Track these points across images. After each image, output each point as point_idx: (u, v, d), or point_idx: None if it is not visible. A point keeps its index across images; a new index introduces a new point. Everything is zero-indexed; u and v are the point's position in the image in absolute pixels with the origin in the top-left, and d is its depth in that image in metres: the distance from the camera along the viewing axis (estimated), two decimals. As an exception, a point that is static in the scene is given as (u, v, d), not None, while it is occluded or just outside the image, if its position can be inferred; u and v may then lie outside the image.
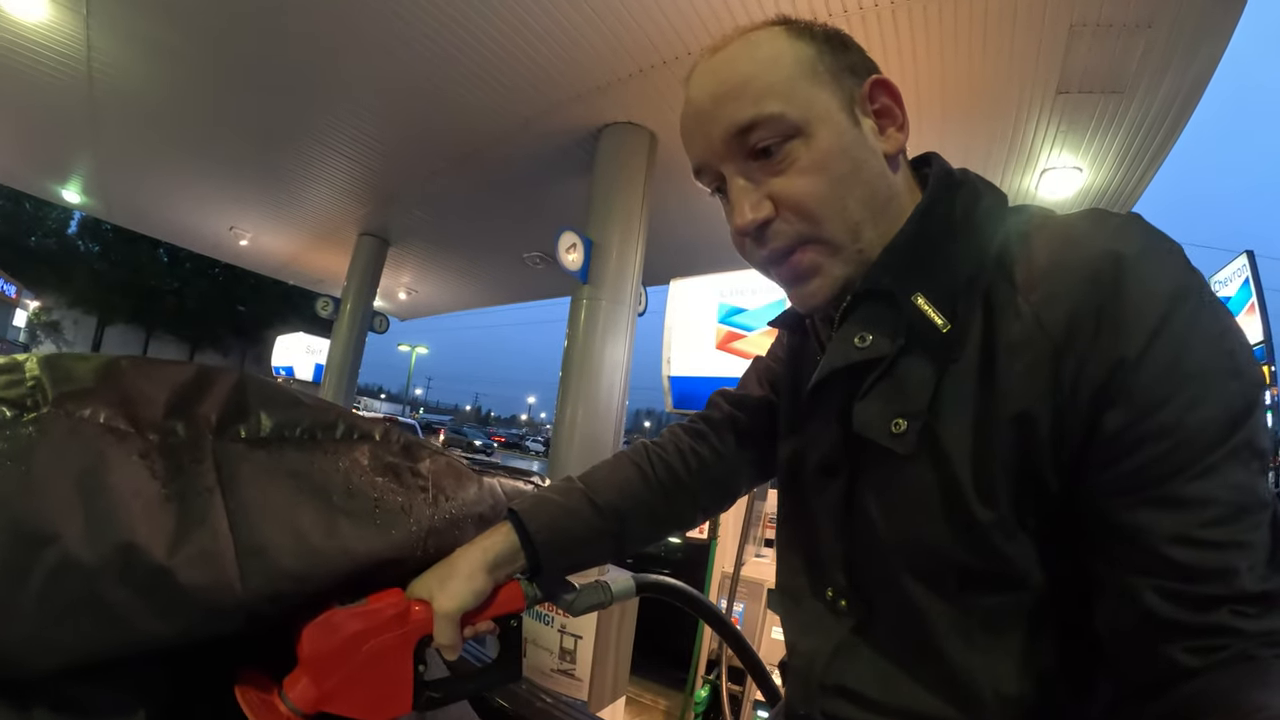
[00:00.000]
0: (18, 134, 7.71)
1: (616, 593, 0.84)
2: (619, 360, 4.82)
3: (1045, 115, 4.36)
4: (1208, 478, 0.45)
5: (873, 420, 0.58)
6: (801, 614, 0.71)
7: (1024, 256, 0.55)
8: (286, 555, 0.57)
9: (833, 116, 0.59)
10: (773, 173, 0.59)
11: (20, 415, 0.49)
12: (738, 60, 0.61)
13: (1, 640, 0.46)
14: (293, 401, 0.65)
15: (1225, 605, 0.44)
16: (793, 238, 0.60)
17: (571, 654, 2.89)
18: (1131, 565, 0.47)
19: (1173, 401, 0.46)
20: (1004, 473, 0.53)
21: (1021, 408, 0.51)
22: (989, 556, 0.54)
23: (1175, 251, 0.50)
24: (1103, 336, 0.48)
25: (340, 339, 9.00)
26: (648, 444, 0.88)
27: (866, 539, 0.62)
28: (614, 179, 5.04)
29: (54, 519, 0.47)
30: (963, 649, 0.56)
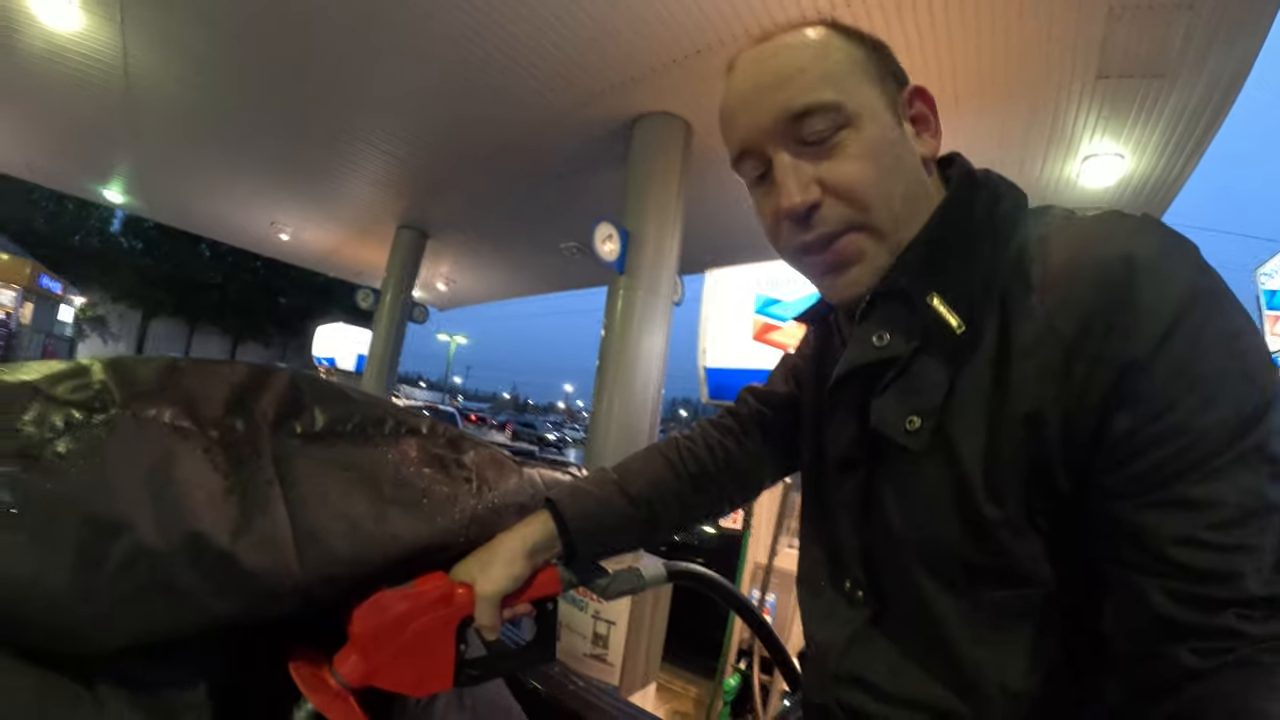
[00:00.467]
0: (59, 138, 8.03)
1: (648, 579, 0.87)
2: (655, 350, 4.85)
3: (1086, 100, 4.25)
4: (1215, 480, 0.45)
5: (888, 417, 0.60)
6: (820, 604, 0.73)
7: (1040, 258, 0.55)
8: (340, 541, 0.61)
9: (880, 113, 0.61)
10: (822, 157, 0.60)
11: (90, 417, 0.53)
12: (793, 48, 0.62)
13: (77, 621, 0.50)
14: (344, 398, 0.69)
15: (1230, 608, 0.44)
16: (840, 222, 0.61)
17: (604, 639, 2.94)
18: (1138, 565, 0.48)
19: (1181, 404, 0.46)
20: (1014, 472, 0.53)
21: (1032, 408, 0.52)
22: (996, 553, 0.55)
23: (1190, 254, 0.50)
24: (1113, 339, 0.49)
25: (381, 329, 9.18)
26: (678, 437, 0.91)
27: (882, 533, 0.64)
28: (650, 169, 5.05)
29: (126, 511, 0.51)
30: (971, 642, 0.57)
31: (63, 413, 0.53)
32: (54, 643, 0.51)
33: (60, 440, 0.51)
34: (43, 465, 0.50)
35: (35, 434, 0.51)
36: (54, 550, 0.49)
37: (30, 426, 0.51)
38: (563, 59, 4.54)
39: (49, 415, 0.52)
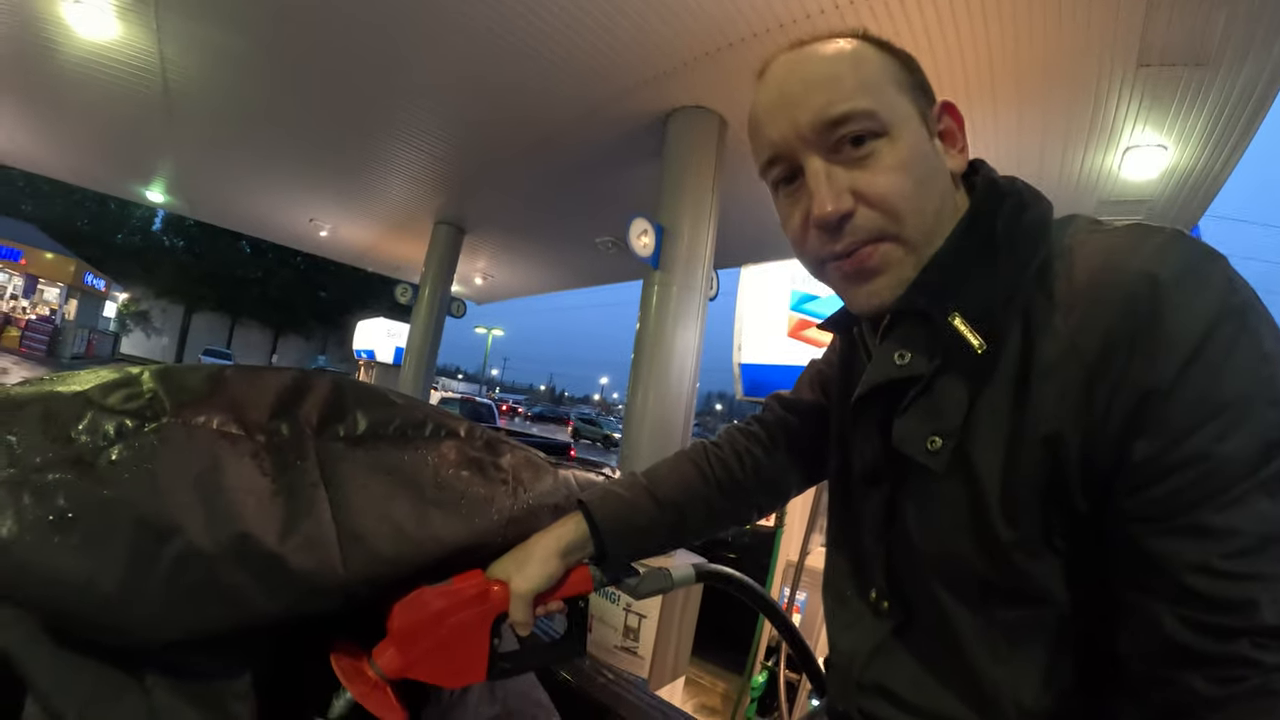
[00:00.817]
0: (101, 142, 8.30)
1: (677, 579, 0.89)
2: (689, 345, 4.85)
3: (1126, 90, 4.12)
4: (1234, 508, 0.45)
5: (910, 437, 0.59)
6: (845, 613, 0.73)
7: (1065, 273, 0.54)
8: (383, 542, 0.64)
9: (913, 124, 0.61)
10: (856, 166, 0.59)
11: (142, 425, 0.56)
12: (829, 56, 0.61)
13: (130, 618, 0.52)
14: (386, 402, 0.72)
15: (1244, 637, 0.44)
16: (872, 233, 0.60)
17: (635, 632, 2.97)
18: (1154, 591, 0.47)
19: (1202, 430, 0.46)
20: (1032, 493, 0.53)
21: (1052, 430, 0.52)
22: (1010, 573, 0.55)
23: (1218, 272, 0.49)
24: (1135, 364, 0.48)
25: (419, 323, 9.33)
26: (706, 444, 0.92)
27: (905, 546, 0.64)
28: (684, 164, 5.05)
29: (177, 515, 0.53)
30: (987, 658, 0.58)
31: (115, 421, 0.55)
32: (107, 638, 0.54)
33: (113, 448, 0.54)
34: (97, 472, 0.53)
35: (89, 442, 0.54)
36: (107, 552, 0.51)
37: (84, 435, 0.54)
38: (596, 53, 4.55)
39: (102, 424, 0.55)
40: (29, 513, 0.51)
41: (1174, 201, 5.25)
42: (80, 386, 0.58)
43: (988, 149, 4.97)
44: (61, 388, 0.58)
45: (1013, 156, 5.05)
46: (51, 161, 9.59)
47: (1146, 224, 0.53)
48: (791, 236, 0.66)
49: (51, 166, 9.89)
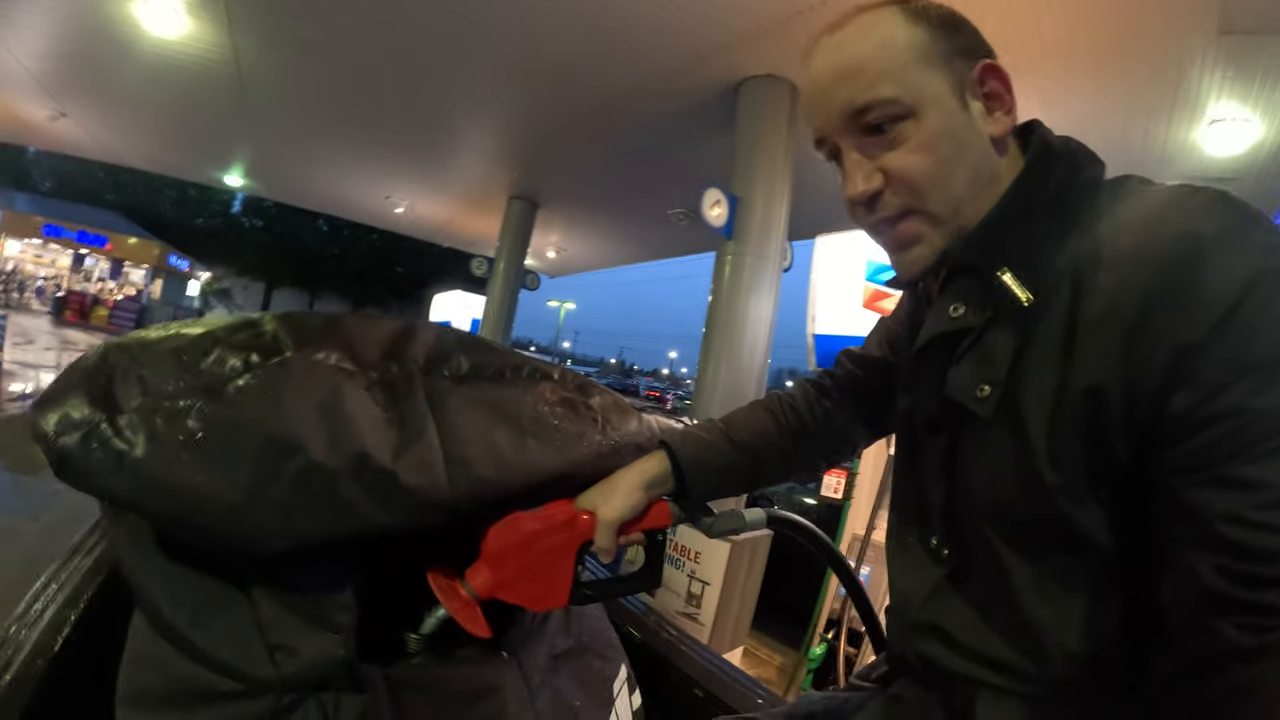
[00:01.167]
0: (179, 133, 8.74)
1: (750, 521, 0.93)
2: (763, 316, 4.83)
3: (1209, 59, 3.87)
4: (1267, 461, 0.46)
5: (962, 385, 0.63)
6: (906, 558, 0.76)
7: (1111, 233, 0.56)
8: (485, 466, 0.70)
9: (942, 100, 0.63)
10: (885, 147, 0.63)
11: (267, 359, 0.62)
12: (854, 42, 0.65)
13: (255, 525, 0.58)
14: (486, 347, 0.79)
15: (1273, 587, 0.45)
16: (899, 208, 0.64)
17: (698, 599, 3.02)
18: (1189, 540, 0.49)
19: (1237, 386, 0.47)
20: (1076, 441, 0.55)
21: (1095, 382, 0.53)
22: (1057, 518, 0.57)
23: (1260, 232, 0.50)
24: (1173, 320, 0.49)
25: (495, 296, 9.55)
26: (780, 394, 0.97)
27: (963, 492, 0.67)
28: (756, 133, 4.99)
29: (301, 433, 0.59)
30: (1035, 602, 0.60)
31: (241, 356, 0.61)
32: (231, 543, 0.60)
33: (240, 378, 0.60)
34: (226, 398, 0.58)
35: (218, 373, 0.60)
36: (236, 467, 0.57)
37: (214, 367, 0.60)
38: (666, 23, 4.52)
39: (229, 358, 0.61)
40: (162, 434, 0.56)
41: (1263, 177, 4.93)
42: (206, 328, 0.64)
43: (1068, 118, 4.73)
44: (188, 330, 0.64)
45: (1095, 128, 4.80)
46: (130, 152, 10.16)
47: (1193, 185, 0.55)
48: (846, 207, 0.71)
49: (131, 157, 10.48)
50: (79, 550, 0.84)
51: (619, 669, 1.01)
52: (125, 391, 0.58)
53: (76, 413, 0.57)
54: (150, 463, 0.55)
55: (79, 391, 0.59)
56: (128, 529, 0.64)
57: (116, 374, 0.60)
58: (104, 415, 0.57)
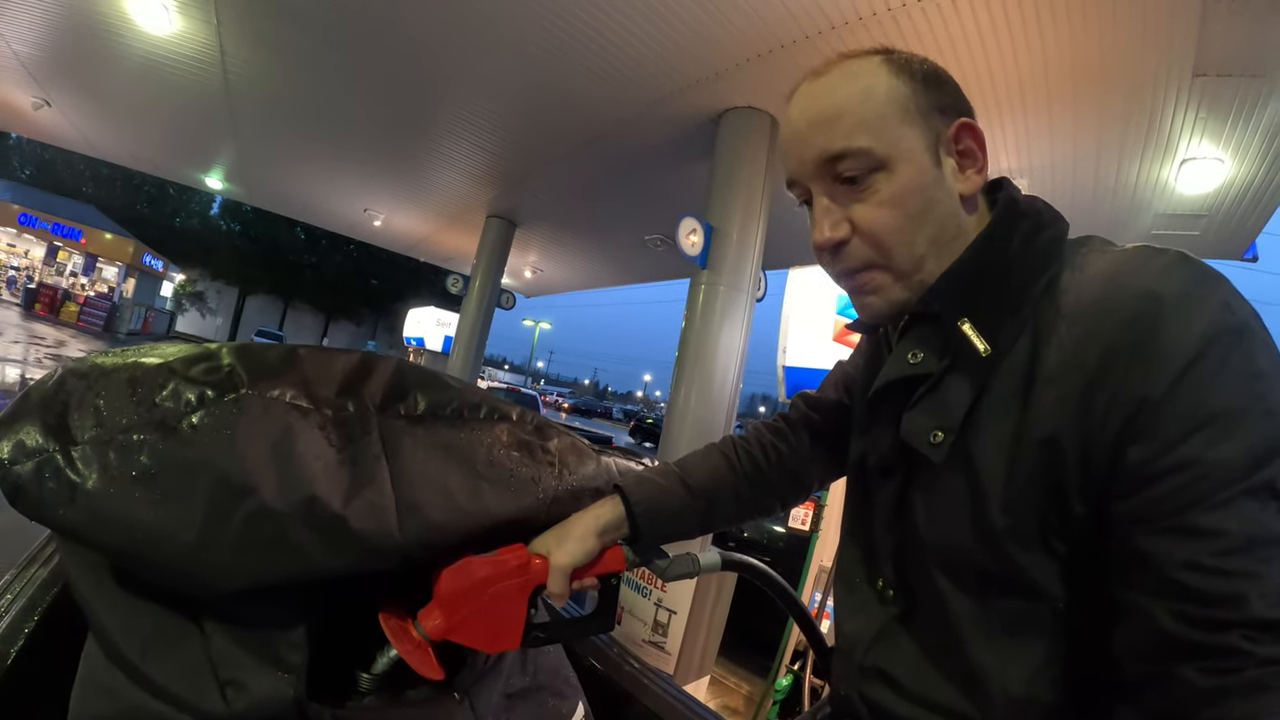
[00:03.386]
0: (163, 130, 8.63)
1: (704, 565, 0.93)
2: (734, 346, 4.86)
3: (1183, 100, 3.97)
4: (1222, 511, 0.47)
5: (916, 430, 0.64)
6: (853, 599, 0.77)
7: (1074, 288, 0.58)
8: (437, 511, 0.69)
9: (916, 155, 0.64)
10: (855, 198, 0.65)
11: (222, 395, 0.61)
12: (835, 91, 0.66)
13: (203, 567, 0.58)
14: (444, 385, 0.78)
15: (1235, 629, 0.46)
16: (862, 260, 0.66)
17: (664, 627, 3.00)
18: (1147, 588, 0.50)
19: (1193, 438, 0.48)
20: (1029, 490, 0.57)
21: (1051, 433, 0.55)
22: (1006, 564, 0.58)
23: (1217, 292, 0.52)
24: (1133, 375, 0.51)
25: (469, 314, 9.49)
26: (735, 437, 0.98)
27: (911, 535, 0.68)
28: (735, 164, 5.04)
29: (252, 476, 0.58)
30: (981, 646, 0.61)
31: (197, 390, 0.61)
32: (182, 584, 0.59)
33: (195, 414, 0.59)
34: (179, 435, 0.58)
35: (172, 408, 0.59)
36: (187, 506, 0.56)
37: (168, 401, 0.59)
38: (650, 53, 4.57)
39: (184, 392, 0.60)
40: (114, 468, 0.56)
41: (1231, 216, 5.04)
42: (163, 358, 0.64)
43: (1043, 157, 4.87)
44: (145, 359, 0.64)
45: (1068, 166, 4.93)
46: (112, 146, 10.01)
47: (1153, 246, 0.57)
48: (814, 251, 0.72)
49: (112, 151, 10.31)
50: (35, 560, 0.82)
51: (576, 707, 1.00)
52: (80, 422, 0.58)
53: (30, 441, 0.57)
54: (102, 497, 0.55)
55: (34, 419, 0.58)
56: (80, 557, 0.63)
57: (72, 402, 0.59)
58: (58, 445, 0.56)
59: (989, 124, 4.58)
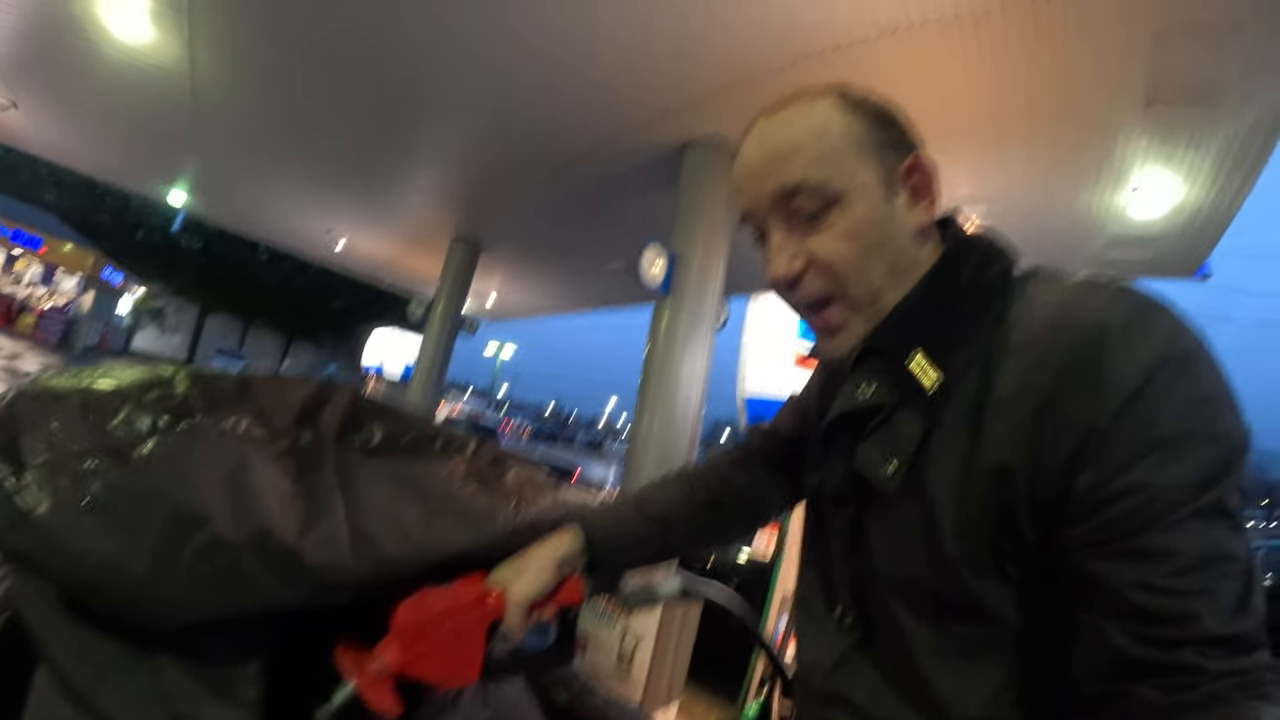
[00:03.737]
0: (128, 140, 8.46)
1: (664, 593, 0.94)
2: (696, 373, 4.89)
3: (1135, 129, 4.14)
4: (1172, 532, 0.48)
5: (869, 462, 0.65)
6: (813, 627, 0.78)
7: (1022, 320, 0.60)
8: (392, 544, 0.69)
9: (870, 190, 0.66)
10: (810, 231, 0.66)
11: (175, 423, 0.61)
12: (792, 126, 0.67)
13: (155, 598, 0.57)
14: (399, 417, 0.78)
15: (1189, 646, 0.46)
16: (819, 292, 0.67)
17: (630, 655, 2.97)
18: (1100, 610, 0.50)
19: (1141, 463, 0.49)
20: (981, 518, 0.58)
21: (1001, 462, 0.56)
22: (960, 591, 0.59)
23: (1162, 322, 0.53)
24: (1080, 404, 0.52)
25: (431, 339, 9.39)
26: (693, 468, 0.98)
27: (868, 564, 0.68)
28: (698, 193, 5.12)
29: (205, 507, 0.58)
30: (938, 669, 0.62)
31: (150, 418, 0.60)
32: (132, 615, 0.58)
33: (148, 442, 0.59)
34: (132, 463, 0.57)
35: (125, 435, 0.59)
36: (139, 537, 0.55)
37: (121, 429, 0.59)
38: (616, 84, 4.65)
39: (137, 419, 0.60)
40: (65, 495, 0.55)
41: (1182, 239, 5.25)
42: (117, 382, 0.63)
43: (998, 186, 5.03)
44: (99, 383, 0.63)
45: (1023, 194, 5.10)
46: (77, 153, 9.78)
47: (1100, 278, 0.59)
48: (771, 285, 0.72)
49: (77, 158, 10.08)
50: None
51: (537, 739, 0.99)
52: (32, 446, 0.57)
53: None
54: (52, 524, 0.54)
55: None
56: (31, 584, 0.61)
57: (24, 426, 0.58)
58: (9, 469, 0.55)
59: (945, 154, 4.67)
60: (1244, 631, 0.47)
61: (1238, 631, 0.47)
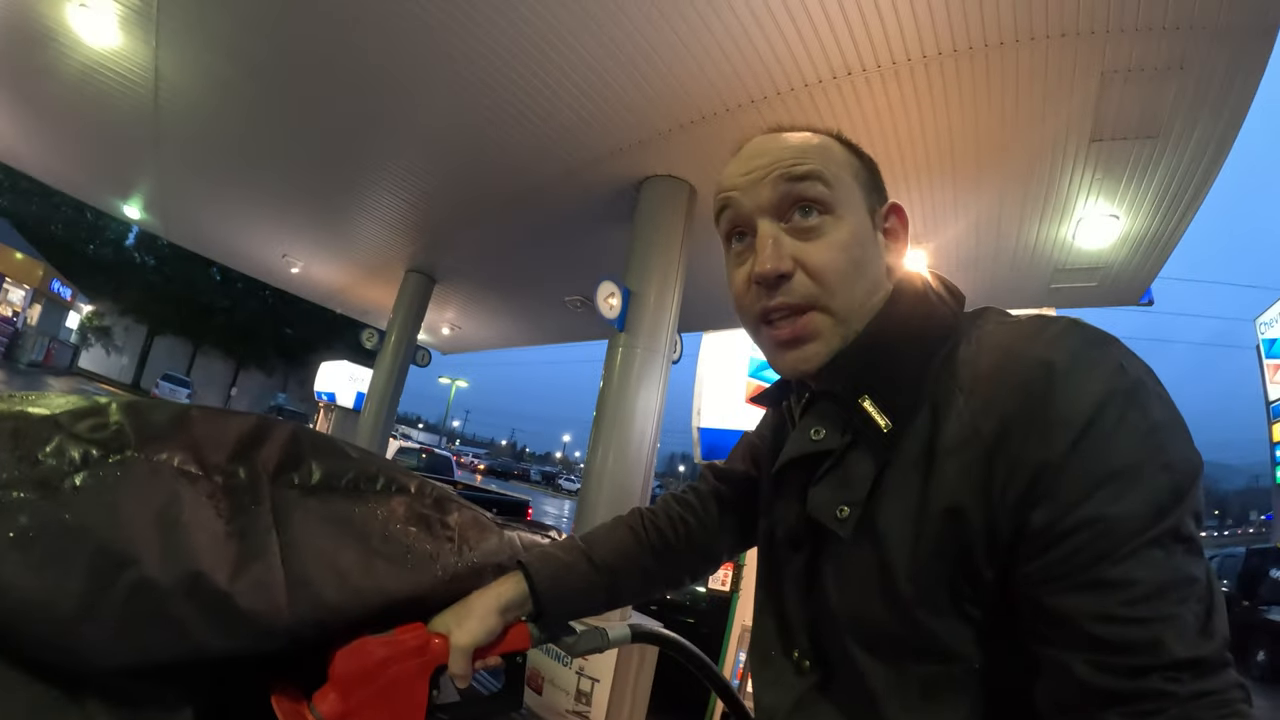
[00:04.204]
0: (86, 149, 8.19)
1: (613, 639, 0.92)
2: (651, 408, 4.89)
3: (1080, 164, 4.31)
4: (1130, 561, 0.48)
5: (822, 505, 0.66)
6: (769, 671, 0.77)
7: (971, 361, 0.61)
8: (328, 589, 0.66)
9: (859, 213, 0.69)
10: (802, 237, 0.67)
11: (107, 456, 0.58)
12: (800, 137, 0.71)
13: (81, 641, 0.53)
14: (341, 454, 0.75)
15: (1155, 672, 0.46)
16: (805, 298, 0.67)
17: (588, 696, 2.91)
18: (1063, 644, 0.50)
19: (1095, 497, 0.50)
20: (936, 559, 0.58)
21: (954, 503, 0.56)
22: (918, 631, 0.59)
23: (1108, 357, 0.54)
24: (1030, 442, 0.53)
25: (383, 370, 9.22)
26: (642, 510, 0.98)
27: (824, 606, 0.68)
28: (653, 230, 5.17)
29: (135, 545, 0.55)
30: (900, 712, 0.61)
31: (82, 449, 0.57)
32: (57, 658, 0.55)
33: (78, 474, 0.56)
34: (61, 496, 0.54)
35: (55, 466, 0.55)
36: (66, 574, 0.52)
37: (51, 459, 0.56)
38: (577, 120, 4.69)
39: (68, 450, 0.57)
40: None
41: (1127, 266, 5.43)
42: (49, 410, 0.60)
43: (948, 222, 5.19)
44: (31, 409, 0.60)
45: (972, 230, 5.26)
46: (32, 159, 9.37)
47: (1047, 316, 0.60)
48: (735, 291, 0.72)
49: (32, 164, 9.64)
50: None
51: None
52: None
53: None
54: None
55: None
56: None
57: None
58: None
59: (898, 193, 4.80)
60: (1209, 654, 0.47)
61: (1203, 654, 0.47)
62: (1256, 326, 18.79)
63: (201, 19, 4.67)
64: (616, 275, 5.02)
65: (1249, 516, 79.81)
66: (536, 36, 3.94)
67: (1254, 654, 10.07)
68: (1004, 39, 3.41)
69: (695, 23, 3.61)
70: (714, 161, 4.83)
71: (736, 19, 3.53)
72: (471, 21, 3.93)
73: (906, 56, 3.63)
